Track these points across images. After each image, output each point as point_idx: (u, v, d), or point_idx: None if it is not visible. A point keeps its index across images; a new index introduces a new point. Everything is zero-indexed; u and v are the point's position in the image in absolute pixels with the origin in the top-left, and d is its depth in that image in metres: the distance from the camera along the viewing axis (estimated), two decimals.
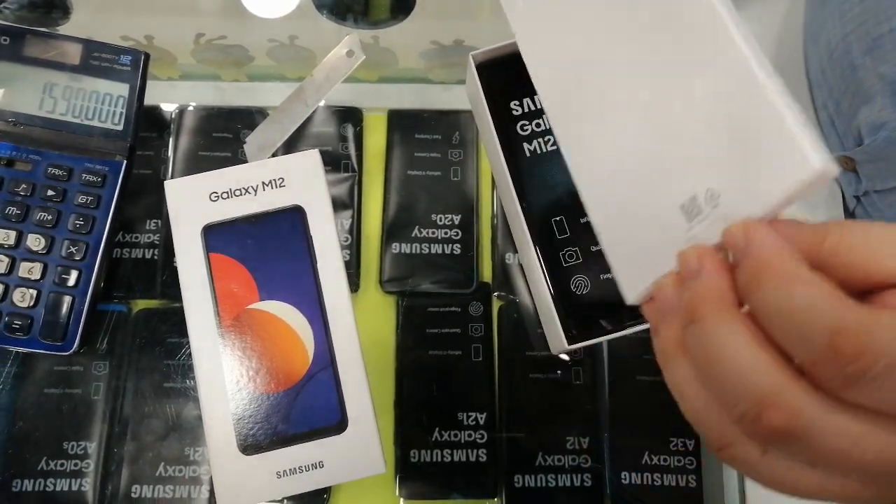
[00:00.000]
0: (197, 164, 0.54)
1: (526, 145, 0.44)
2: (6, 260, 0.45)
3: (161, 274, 0.52)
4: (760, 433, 0.21)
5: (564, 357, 0.51)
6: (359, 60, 0.51)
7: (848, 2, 0.45)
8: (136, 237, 0.53)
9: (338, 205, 0.53)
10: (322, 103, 0.55)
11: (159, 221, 0.53)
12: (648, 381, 0.51)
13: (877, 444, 0.20)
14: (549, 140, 0.44)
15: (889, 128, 0.42)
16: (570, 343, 0.41)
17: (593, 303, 0.42)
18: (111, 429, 0.49)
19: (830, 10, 0.47)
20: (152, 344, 0.51)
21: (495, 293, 0.53)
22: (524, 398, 0.50)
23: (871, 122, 0.44)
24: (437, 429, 0.50)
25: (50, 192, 0.47)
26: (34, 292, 0.46)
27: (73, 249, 0.46)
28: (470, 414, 0.50)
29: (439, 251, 0.53)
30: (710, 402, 0.23)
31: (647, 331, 0.51)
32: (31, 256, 0.46)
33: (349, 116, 0.56)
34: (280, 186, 0.43)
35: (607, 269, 0.43)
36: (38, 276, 0.46)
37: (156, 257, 0.53)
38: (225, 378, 0.40)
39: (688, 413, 0.24)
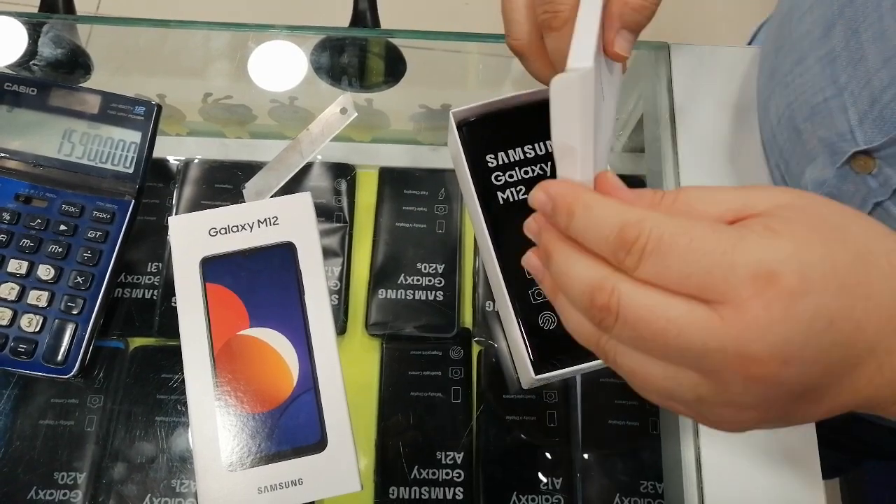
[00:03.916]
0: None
1: (500, 194, 0.48)
2: (17, 288, 0.49)
3: (159, 313, 0.55)
4: (596, 316, 0.28)
5: (536, 390, 0.53)
6: (351, 117, 0.56)
7: (790, 74, 0.50)
8: (138, 278, 0.56)
9: (329, 253, 0.57)
10: (319, 158, 0.59)
11: (160, 264, 0.57)
12: (619, 425, 0.53)
13: (679, 316, 0.26)
14: (520, 190, 0.48)
15: (829, 185, 0.47)
16: (536, 373, 0.44)
17: (559, 337, 0.45)
18: (102, 459, 0.51)
19: (777, 81, 0.52)
20: (147, 379, 0.53)
21: (475, 339, 0.56)
22: (500, 439, 0.53)
23: (815, 179, 0.48)
24: (415, 467, 0.52)
25: (62, 227, 0.50)
26: (41, 318, 0.49)
27: (79, 279, 0.49)
28: (448, 453, 0.52)
29: (423, 297, 0.57)
30: (578, 315, 0.30)
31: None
32: (41, 285, 0.49)
33: (343, 172, 0.60)
34: (273, 224, 0.46)
35: None
36: (45, 304, 0.49)
37: (155, 297, 0.56)
38: (214, 397, 0.43)
39: (572, 332, 0.31)
